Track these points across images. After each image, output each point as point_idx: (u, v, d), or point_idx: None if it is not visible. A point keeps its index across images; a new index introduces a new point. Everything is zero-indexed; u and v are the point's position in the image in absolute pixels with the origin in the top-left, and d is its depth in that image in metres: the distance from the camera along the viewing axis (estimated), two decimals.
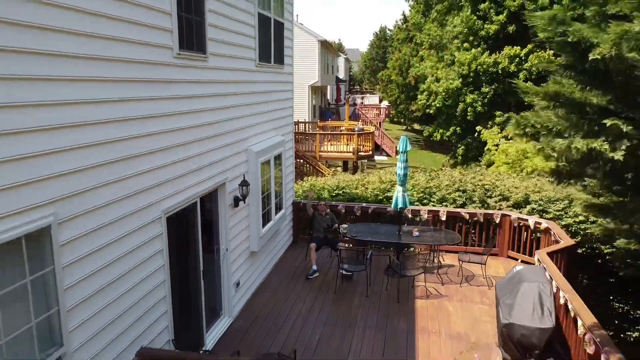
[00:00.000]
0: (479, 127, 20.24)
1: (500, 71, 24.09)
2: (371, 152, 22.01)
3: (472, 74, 24.90)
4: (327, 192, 11.10)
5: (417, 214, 9.90)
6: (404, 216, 9.65)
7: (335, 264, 9.01)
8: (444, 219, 9.75)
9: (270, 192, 8.46)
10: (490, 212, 9.70)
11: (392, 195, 10.44)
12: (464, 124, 26.48)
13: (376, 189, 11.12)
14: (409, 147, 8.70)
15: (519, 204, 10.14)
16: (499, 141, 17.45)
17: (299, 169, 18.90)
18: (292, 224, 10.49)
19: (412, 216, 9.90)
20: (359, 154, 21.14)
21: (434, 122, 31.31)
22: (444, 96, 26.46)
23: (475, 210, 9.98)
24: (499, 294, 6.30)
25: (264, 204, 8.10)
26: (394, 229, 9.05)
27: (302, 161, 19.56)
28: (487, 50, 24.96)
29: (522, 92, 7.72)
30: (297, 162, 18.62)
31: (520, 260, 9.36)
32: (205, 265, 6.25)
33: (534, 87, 7.48)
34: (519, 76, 23.18)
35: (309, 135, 22.11)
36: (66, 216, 3.63)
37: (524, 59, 23.45)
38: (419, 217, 9.87)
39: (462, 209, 9.99)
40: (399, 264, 8.28)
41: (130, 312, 4.58)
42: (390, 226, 9.33)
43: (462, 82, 25.45)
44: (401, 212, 9.24)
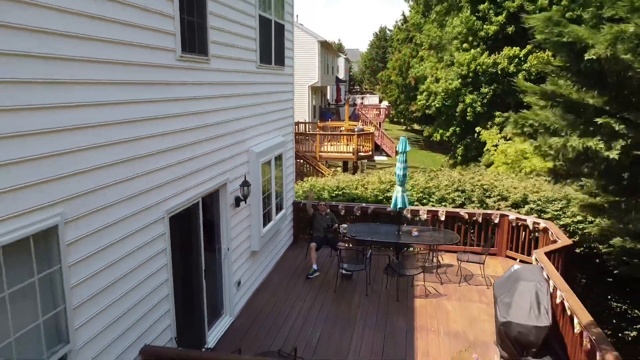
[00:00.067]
0: (478, 128, 20.32)
1: (499, 72, 24.17)
2: (371, 153, 22.06)
3: (472, 74, 24.98)
4: (327, 193, 11.17)
5: (417, 214, 9.99)
6: (403, 216, 9.74)
7: (335, 264, 9.09)
8: (443, 219, 9.83)
9: (270, 192, 8.54)
10: (489, 212, 9.78)
11: (391, 195, 10.53)
12: (464, 124, 26.55)
13: (376, 189, 11.19)
14: (408, 148, 8.79)
15: (518, 204, 10.22)
16: (498, 142, 17.53)
17: (299, 169, 18.97)
18: (292, 223, 10.57)
19: (411, 216, 9.99)
20: (359, 154, 21.20)
21: (433, 123, 31.43)
22: (443, 96, 26.55)
23: (474, 210, 10.06)
24: (497, 293, 6.38)
25: (264, 204, 8.18)
26: (393, 229, 9.13)
27: (302, 161, 19.62)
28: (487, 50, 25.04)
29: (521, 90, 7.83)
30: (297, 162, 18.69)
31: (518, 259, 9.44)
32: (206, 264, 6.34)
33: (532, 85, 7.59)
34: (518, 77, 23.28)
35: (309, 135, 22.19)
36: (72, 216, 3.72)
37: (523, 59, 23.53)
38: (418, 217, 9.96)
39: (461, 209, 10.07)
40: (399, 263, 8.35)
41: (134, 310, 4.67)
42: (389, 226, 9.41)
43: (462, 83, 25.53)
44: (400, 212, 9.33)
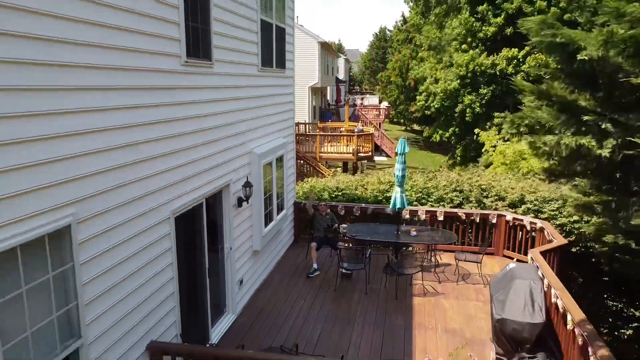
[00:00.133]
0: (477, 130, 20.50)
1: (498, 73, 24.33)
2: (371, 153, 22.21)
3: (470, 75, 25.14)
4: (327, 194, 11.33)
5: (415, 214, 10.15)
6: (402, 216, 9.90)
7: (335, 263, 9.25)
8: (441, 218, 9.99)
9: (272, 192, 8.71)
10: (486, 212, 9.94)
11: (391, 195, 10.69)
12: (463, 125, 26.71)
13: (375, 189, 11.35)
14: (407, 149, 8.95)
15: (515, 204, 10.38)
16: (496, 142, 17.70)
17: (299, 169, 19.12)
18: (293, 223, 10.73)
19: (410, 216, 10.15)
20: (359, 154, 21.35)
21: (433, 123, 31.60)
22: (442, 97, 26.71)
23: (471, 210, 10.21)
24: (493, 291, 6.55)
25: (266, 204, 8.35)
26: (392, 229, 9.29)
27: (302, 162, 19.77)
28: (485, 51, 25.20)
29: (519, 89, 8.06)
30: (298, 163, 18.84)
31: (515, 259, 9.59)
32: (210, 263, 6.50)
33: (529, 85, 7.83)
34: (518, 77, 23.44)
35: (309, 136, 22.34)
36: (84, 216, 3.89)
37: (521, 60, 23.69)
38: (416, 217, 10.12)
39: (459, 209, 10.23)
40: (398, 262, 8.51)
41: (141, 307, 4.83)
42: (388, 226, 9.57)
43: (460, 84, 25.69)
44: (399, 212, 9.49)
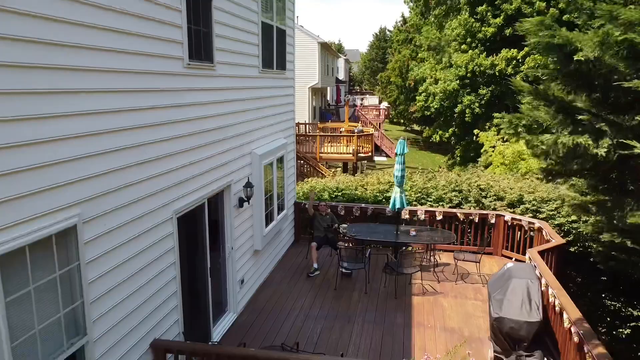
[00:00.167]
0: (476, 130, 20.58)
1: (497, 73, 24.40)
2: (371, 154, 22.29)
3: (469, 75, 25.21)
4: (327, 194, 11.41)
5: (415, 214, 10.23)
6: (401, 216, 9.99)
7: (335, 262, 9.34)
8: (440, 218, 10.08)
9: (272, 193, 8.79)
10: (485, 212, 10.03)
11: (390, 195, 10.77)
12: (462, 125, 26.80)
13: (375, 189, 11.43)
14: (406, 150, 9.04)
15: (513, 204, 10.45)
16: (495, 143, 17.78)
17: (299, 170, 19.19)
18: (293, 223, 10.82)
19: (409, 216, 10.23)
20: (359, 155, 21.43)
21: (433, 124, 31.69)
22: (442, 97, 26.79)
23: (470, 210, 10.29)
24: (491, 290, 6.63)
25: (266, 204, 8.44)
26: (392, 229, 9.38)
27: (302, 162, 19.85)
28: (485, 52, 25.27)
29: (517, 89, 8.18)
30: (298, 163, 18.89)
31: (514, 258, 9.67)
32: (211, 262, 6.59)
33: (527, 85, 7.96)
34: (517, 78, 23.49)
35: (310, 136, 22.42)
36: (90, 216, 3.97)
37: (520, 61, 23.77)
38: (416, 217, 10.20)
39: (457, 209, 10.31)
40: (397, 262, 8.59)
41: (144, 306, 4.92)
42: (388, 226, 9.66)
43: (460, 84, 25.77)
44: (399, 212, 9.57)
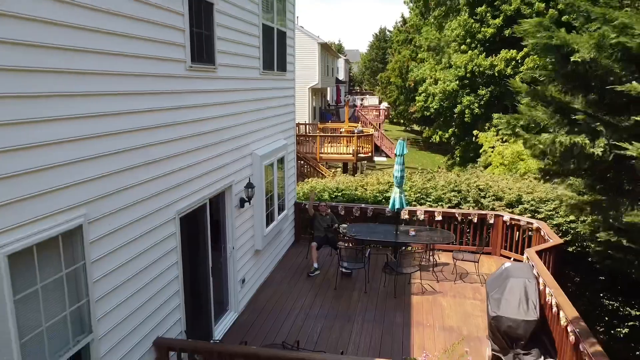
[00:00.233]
0: (475, 131, 20.67)
1: (496, 74, 24.47)
2: (370, 154, 22.36)
3: (469, 75, 25.27)
4: (328, 194, 11.49)
5: (414, 214, 10.32)
6: (400, 216, 10.07)
7: (335, 262, 9.42)
8: (439, 219, 10.16)
9: (273, 193, 8.88)
10: (484, 213, 10.11)
11: (390, 195, 10.86)
12: (462, 125, 26.87)
13: (375, 190, 11.51)
14: (406, 151, 9.12)
15: (512, 204, 10.53)
16: (494, 143, 17.87)
17: (299, 170, 19.26)
18: (294, 224, 10.90)
19: (409, 216, 10.31)
20: (359, 155, 21.50)
21: (433, 124, 31.77)
22: (441, 97, 26.86)
23: (469, 210, 10.37)
24: (489, 289, 6.71)
25: (267, 205, 8.52)
26: (391, 229, 9.46)
27: (302, 162, 19.92)
28: (484, 52, 25.34)
29: (515, 91, 8.30)
30: (298, 163, 18.97)
31: (512, 258, 9.75)
32: (213, 262, 6.68)
33: (525, 86, 8.08)
34: (515, 78, 23.56)
35: (310, 137, 22.49)
36: (95, 217, 4.06)
37: (520, 62, 23.84)
38: (415, 217, 10.28)
39: (456, 210, 10.39)
40: (396, 262, 8.67)
41: (148, 305, 5.00)
42: (388, 226, 9.74)
43: (459, 84, 25.83)
44: (398, 212, 9.66)
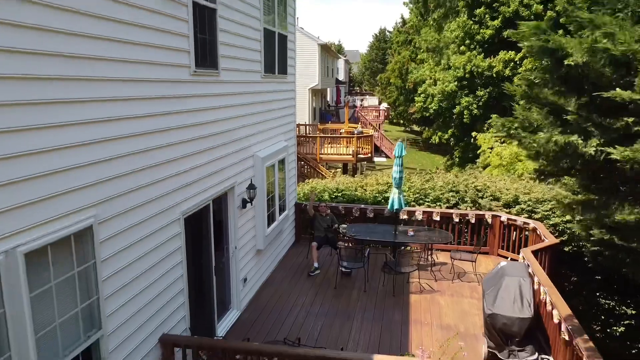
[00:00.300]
0: (474, 132, 20.83)
1: (494, 75, 24.62)
2: (370, 155, 22.52)
3: (467, 76, 25.41)
4: (328, 194, 11.66)
5: (413, 214, 10.48)
6: (399, 217, 10.23)
7: (335, 262, 9.59)
8: (437, 219, 10.32)
9: (274, 194, 9.05)
10: (481, 213, 10.27)
11: (389, 196, 11.02)
12: (461, 126, 27.03)
13: (374, 190, 11.67)
14: (404, 153, 9.29)
15: (509, 204, 10.68)
16: (493, 144, 18.03)
17: (299, 171, 19.41)
18: (294, 224, 11.07)
19: (407, 216, 10.48)
20: (359, 156, 21.65)
21: (432, 124, 31.93)
22: (440, 98, 27.02)
23: (467, 211, 10.53)
24: (485, 287, 6.89)
25: (268, 205, 8.69)
26: (390, 229, 9.62)
27: (302, 163, 20.07)
28: (483, 53, 25.48)
29: (510, 93, 8.50)
30: (298, 164, 19.12)
31: (509, 258, 9.91)
32: (215, 261, 6.85)
33: (520, 89, 8.27)
34: (514, 80, 23.71)
35: (310, 138, 22.64)
36: (104, 217, 4.23)
37: (518, 63, 23.99)
38: (414, 217, 10.45)
39: (454, 210, 10.55)
40: (395, 261, 8.84)
41: (154, 302, 5.17)
42: (387, 226, 9.91)
43: (458, 85, 25.98)
44: (397, 213, 9.82)
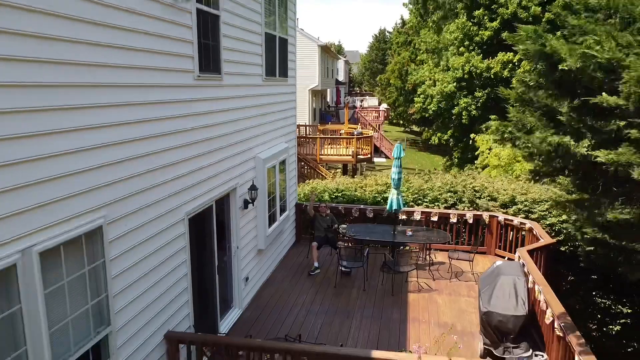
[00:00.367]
0: (472, 134, 21.00)
1: (493, 76, 24.78)
2: (370, 155, 22.66)
3: (466, 77, 25.56)
4: (328, 195, 11.82)
5: (411, 214, 10.64)
6: (398, 217, 10.40)
7: (335, 261, 9.74)
8: (435, 219, 10.49)
9: (275, 195, 9.22)
10: (479, 213, 10.43)
11: (388, 196, 11.18)
12: (460, 127, 27.19)
13: (373, 191, 11.84)
14: (403, 154, 9.46)
15: (506, 205, 10.84)
16: (491, 145, 18.20)
17: (300, 171, 19.55)
18: (295, 224, 11.24)
19: (406, 217, 10.64)
20: (358, 157, 21.78)
21: (432, 125, 32.10)
22: (439, 99, 27.18)
23: (464, 211, 10.69)
24: (481, 286, 7.06)
25: (269, 206, 8.86)
26: (389, 229, 9.78)
27: (303, 164, 20.21)
28: (481, 55, 25.64)
29: (504, 97, 8.70)
30: (298, 164, 19.28)
31: (506, 257, 10.07)
32: (218, 261, 7.02)
33: (514, 92, 8.48)
34: (512, 81, 23.86)
35: (310, 138, 22.80)
36: (113, 218, 4.40)
37: (516, 64, 24.15)
38: (412, 217, 10.61)
39: (452, 210, 10.70)
40: (394, 261, 9.01)
41: (159, 300, 5.35)
42: (386, 226, 10.07)
43: (457, 86, 26.13)
44: (396, 213, 9.99)
